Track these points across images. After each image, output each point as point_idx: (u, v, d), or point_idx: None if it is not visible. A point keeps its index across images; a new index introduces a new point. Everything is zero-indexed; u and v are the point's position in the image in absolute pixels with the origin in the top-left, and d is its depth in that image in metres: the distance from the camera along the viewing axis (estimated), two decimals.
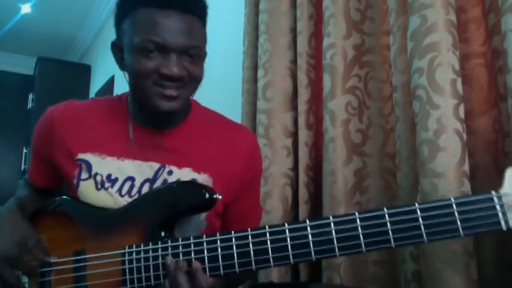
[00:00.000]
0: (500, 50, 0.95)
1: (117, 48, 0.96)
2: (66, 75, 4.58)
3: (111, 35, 0.96)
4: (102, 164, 0.95)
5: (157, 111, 0.90)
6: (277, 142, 1.43)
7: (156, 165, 0.95)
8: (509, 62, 0.87)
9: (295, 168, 1.41)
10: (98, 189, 0.95)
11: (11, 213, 0.97)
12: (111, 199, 0.94)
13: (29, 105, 4.56)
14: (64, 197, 0.98)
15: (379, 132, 1.25)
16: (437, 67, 0.96)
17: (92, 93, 4.63)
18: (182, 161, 0.96)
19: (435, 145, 0.94)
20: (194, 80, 0.92)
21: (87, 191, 0.95)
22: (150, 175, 0.95)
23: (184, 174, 0.95)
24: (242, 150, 1.01)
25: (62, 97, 1.05)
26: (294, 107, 1.44)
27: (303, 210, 1.34)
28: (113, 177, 0.95)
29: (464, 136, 0.94)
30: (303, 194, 1.35)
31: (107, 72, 3.99)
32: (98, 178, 0.95)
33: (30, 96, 4.58)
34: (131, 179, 0.95)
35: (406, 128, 1.07)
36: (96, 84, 4.55)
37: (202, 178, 0.95)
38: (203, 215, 0.96)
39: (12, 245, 0.88)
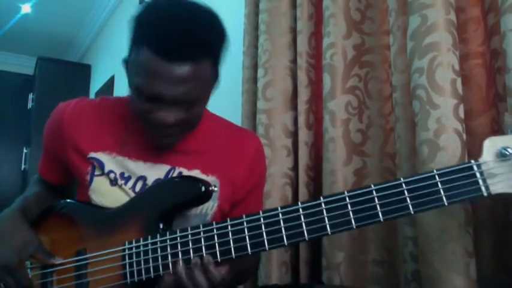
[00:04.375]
0: (500, 51, 0.95)
1: (126, 67, 0.91)
2: (66, 75, 4.58)
3: (111, 35, 0.95)
4: (114, 163, 0.96)
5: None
6: (277, 142, 1.43)
7: (166, 167, 0.96)
8: (509, 62, 0.87)
9: (295, 168, 1.41)
10: (112, 185, 0.96)
11: (11, 218, 0.96)
12: (125, 196, 0.94)
13: (29, 105, 4.56)
14: (68, 200, 0.99)
15: (379, 132, 1.25)
16: (437, 67, 0.96)
17: (92, 93, 4.63)
18: (191, 163, 0.97)
19: (435, 145, 0.94)
20: (188, 125, 0.90)
21: (101, 186, 0.96)
22: (161, 175, 0.96)
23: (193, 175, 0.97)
24: (248, 154, 1.03)
25: (63, 97, 1.05)
26: (294, 107, 1.44)
27: None
28: (126, 175, 0.96)
29: (464, 136, 0.95)
30: (303, 193, 1.35)
31: (107, 72, 3.98)
32: (111, 175, 0.95)
33: (30, 96, 4.58)
34: (143, 178, 0.96)
35: (406, 128, 1.08)
36: (96, 84, 4.55)
37: (210, 180, 0.96)
38: (209, 216, 0.97)
39: (11, 253, 0.88)
